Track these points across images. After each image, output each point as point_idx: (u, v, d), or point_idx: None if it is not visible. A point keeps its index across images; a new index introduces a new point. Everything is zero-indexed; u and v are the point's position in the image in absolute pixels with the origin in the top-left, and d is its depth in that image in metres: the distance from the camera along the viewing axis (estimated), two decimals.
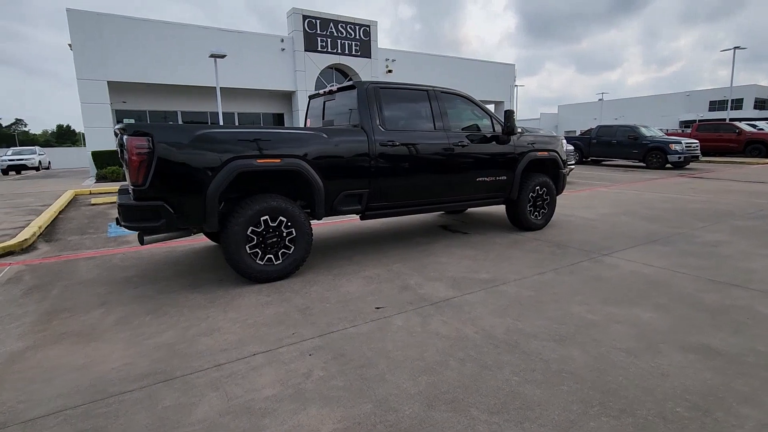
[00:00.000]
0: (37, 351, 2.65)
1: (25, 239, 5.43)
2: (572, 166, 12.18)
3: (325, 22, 19.73)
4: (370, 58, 21.25)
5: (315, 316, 3.11)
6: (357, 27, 20.68)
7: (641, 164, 15.10)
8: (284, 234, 3.84)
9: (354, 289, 3.65)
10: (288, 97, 20.55)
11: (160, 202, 3.33)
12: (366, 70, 21.13)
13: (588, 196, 9.05)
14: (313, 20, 19.42)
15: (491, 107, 29.25)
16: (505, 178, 5.38)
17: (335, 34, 20.11)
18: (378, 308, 3.24)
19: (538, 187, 5.67)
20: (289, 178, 3.93)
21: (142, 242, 3.45)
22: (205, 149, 3.43)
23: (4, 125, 77.97)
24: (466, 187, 5.09)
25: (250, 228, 3.66)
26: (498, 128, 5.33)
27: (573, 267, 4.17)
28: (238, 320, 3.04)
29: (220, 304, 3.33)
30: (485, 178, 5.20)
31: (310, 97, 5.71)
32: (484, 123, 5.30)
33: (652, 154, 14.55)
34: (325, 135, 4.04)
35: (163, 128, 3.34)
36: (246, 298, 3.47)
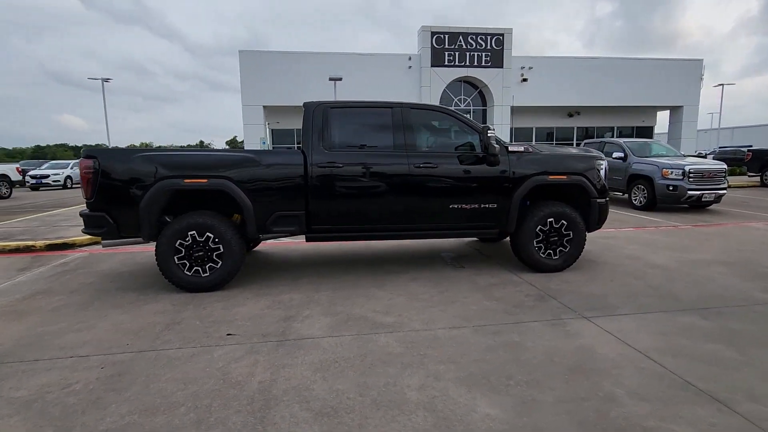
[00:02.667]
0: None
1: None
2: (723, 191, 9.21)
3: (454, 35, 19.59)
4: (501, 67, 20.13)
5: (174, 332, 3.24)
6: (489, 37, 19.87)
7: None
8: (211, 249, 4.09)
9: (243, 311, 3.64)
10: None
11: (103, 213, 3.98)
12: (497, 81, 20.10)
13: (707, 235, 6.73)
14: (441, 35, 19.52)
15: (665, 114, 24.17)
16: (495, 205, 4.50)
17: (464, 46, 19.76)
18: (229, 335, 3.18)
19: (551, 219, 4.54)
20: (220, 197, 4.17)
21: (102, 245, 4.19)
22: (138, 170, 3.96)
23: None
24: (435, 214, 4.45)
25: (179, 241, 4.03)
26: (501, 148, 4.50)
27: (517, 326, 3.26)
28: (119, 323, 3.41)
29: (128, 308, 3.78)
30: (463, 205, 4.45)
31: None
32: (472, 142, 4.55)
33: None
34: (254, 157, 4.15)
35: (106, 152, 4.01)
36: (153, 305, 3.84)
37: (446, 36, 19.76)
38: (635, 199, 9.68)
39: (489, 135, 4.17)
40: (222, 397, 2.34)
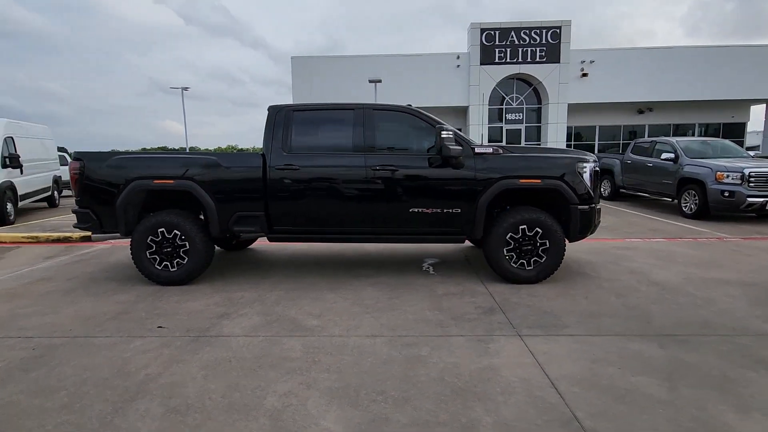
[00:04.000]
0: None
1: None
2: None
3: (505, 31, 18.72)
4: (558, 62, 18.85)
5: (118, 321, 3.50)
6: (544, 31, 18.72)
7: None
8: (178, 245, 4.36)
9: (190, 306, 3.83)
10: (463, 112, 20.48)
11: (87, 210, 4.43)
12: (553, 77, 18.88)
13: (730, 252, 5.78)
14: (492, 32, 18.76)
15: (761, 108, 21.06)
16: (459, 210, 4.26)
17: (516, 42, 18.81)
18: (159, 327, 3.37)
19: (524, 227, 4.20)
20: (187, 197, 4.42)
21: (92, 238, 4.66)
22: (114, 171, 4.34)
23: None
24: (395, 218, 4.32)
25: (150, 237, 4.35)
26: (466, 149, 4.26)
27: (437, 339, 3.08)
28: (80, 310, 3.76)
29: (99, 296, 4.15)
30: (424, 209, 4.27)
31: None
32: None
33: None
34: (216, 159, 4.34)
35: (90, 155, 4.43)
36: (121, 295, 4.17)
37: (497, 32, 18.96)
38: (685, 206, 8.55)
39: (443, 136, 3.95)
40: (103, 386, 2.50)
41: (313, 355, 2.85)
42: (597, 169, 4.48)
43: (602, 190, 11.90)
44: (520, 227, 4.21)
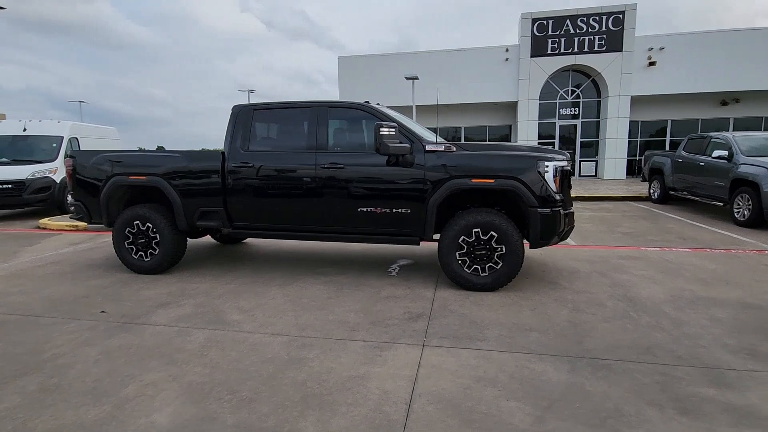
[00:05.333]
0: None
1: None
2: None
3: (560, 20, 17.39)
4: (620, 51, 17.12)
5: (74, 304, 3.85)
6: (604, 17, 17.09)
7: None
8: (150, 237, 4.68)
9: (143, 294, 4.09)
10: (512, 107, 19.41)
11: (80, 202, 4.91)
12: (614, 67, 17.22)
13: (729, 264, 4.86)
14: (544, 22, 17.54)
15: None
16: (409, 210, 4.09)
17: (571, 31, 17.40)
18: (102, 312, 3.65)
19: (477, 230, 3.92)
20: (157, 192, 4.71)
21: (87, 228, 5.16)
22: (98, 168, 4.76)
23: None
24: (344, 217, 4.25)
25: (127, 228, 4.72)
26: (418, 144, 4.09)
27: (339, 343, 3.00)
28: (55, 292, 4.19)
29: (81, 281, 4.58)
30: (372, 209, 4.15)
31: None
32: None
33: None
34: (181, 157, 4.57)
35: (80, 153, 4.91)
36: (99, 281, 4.57)
37: (550, 22, 17.69)
38: (737, 212, 7.37)
39: (381, 133, 3.78)
40: (11, 360, 2.77)
41: (205, 349, 2.92)
42: (567, 169, 4.05)
43: (651, 192, 10.67)
44: (474, 230, 3.93)
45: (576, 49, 17.56)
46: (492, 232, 3.89)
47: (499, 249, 3.90)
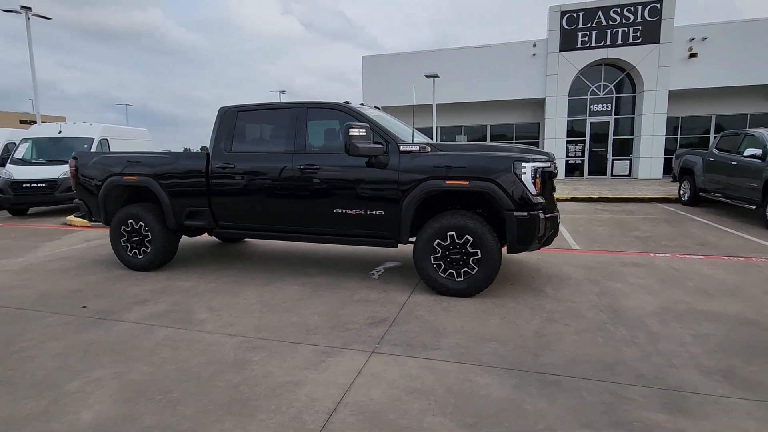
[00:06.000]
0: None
1: None
2: None
3: (591, 12, 16.56)
4: (658, 42, 16.11)
5: (63, 298, 4.05)
6: (639, 7, 16.11)
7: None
8: (143, 235, 4.85)
9: (129, 290, 4.24)
10: (539, 104, 18.69)
11: (82, 201, 5.17)
12: (650, 60, 16.23)
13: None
14: (574, 14, 16.76)
15: None
16: (383, 212, 4.01)
17: (604, 23, 16.53)
18: (83, 307, 3.81)
19: (452, 233, 3.78)
20: (148, 192, 4.86)
21: (91, 225, 5.42)
22: (96, 169, 4.98)
23: None
24: (321, 218, 4.23)
25: (122, 226, 4.92)
26: (393, 145, 4.00)
27: (291, 346, 2.99)
28: (53, 287, 4.43)
29: (80, 276, 4.82)
30: (347, 211, 4.10)
31: None
32: (378, 142, 4.09)
33: None
34: (170, 158, 4.70)
35: (82, 154, 5.14)
36: (96, 276, 4.79)
37: (580, 14, 16.87)
38: None
39: (350, 133, 3.72)
40: None
41: (160, 348, 2.98)
42: (549, 170, 3.82)
43: (681, 193, 9.97)
44: (448, 233, 3.80)
45: (608, 42, 16.70)
46: (467, 236, 3.75)
47: (475, 253, 3.75)
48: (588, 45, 16.92)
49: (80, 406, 2.28)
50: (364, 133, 3.75)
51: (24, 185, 9.68)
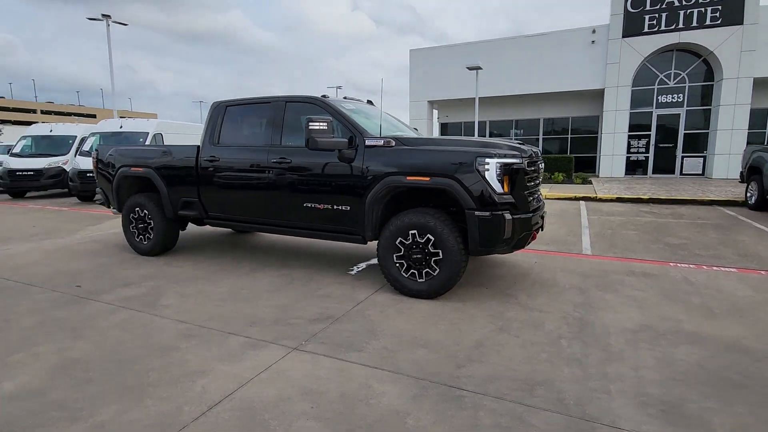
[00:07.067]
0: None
1: None
2: None
3: None
4: (741, 24, 14.08)
5: (67, 277, 4.47)
6: None
7: None
8: (147, 223, 5.22)
9: (125, 273, 4.58)
10: (598, 96, 17.15)
11: (100, 189, 5.67)
12: (731, 44, 14.25)
13: None
14: None
15: None
16: (348, 208, 3.94)
17: (675, 4, 14.74)
18: (77, 286, 4.18)
19: (414, 231, 3.63)
20: (150, 183, 5.19)
21: (113, 213, 5.93)
22: (110, 161, 5.42)
23: None
24: (293, 212, 4.26)
25: (130, 214, 5.33)
26: (360, 139, 3.92)
27: (224, 336, 3.06)
28: (67, 265, 4.92)
29: (97, 258, 5.30)
30: (316, 205, 4.09)
31: None
32: (351, 137, 4.00)
33: None
34: (168, 150, 4.97)
35: (101, 148, 5.61)
36: (108, 258, 5.24)
37: None
38: None
39: (310, 127, 3.66)
40: None
41: (112, 329, 3.17)
42: (521, 167, 3.50)
43: (748, 195, 8.69)
44: (410, 232, 3.64)
45: (681, 25, 14.93)
46: (428, 235, 3.56)
47: (437, 254, 3.56)
48: (656, 29, 15.27)
49: (8, 377, 2.50)
50: (325, 127, 3.70)
51: (88, 174, 10.90)
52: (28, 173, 12.07)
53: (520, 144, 3.79)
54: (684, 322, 3.19)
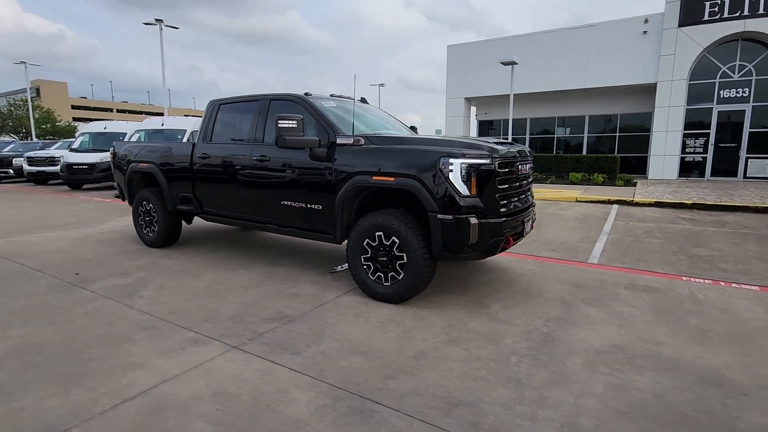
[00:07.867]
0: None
1: None
2: None
3: None
4: None
5: (72, 265, 4.80)
6: None
7: None
8: (152, 216, 5.48)
9: (123, 264, 4.83)
10: (650, 91, 15.78)
11: (116, 182, 6.03)
12: None
13: None
14: None
15: None
16: (320, 207, 3.89)
17: None
18: (76, 274, 4.47)
19: (380, 233, 3.52)
20: (154, 178, 5.44)
21: (129, 204, 6.30)
22: (123, 157, 5.75)
23: None
24: (272, 210, 4.29)
25: (138, 207, 5.63)
26: (333, 138, 3.86)
27: (179, 330, 3.13)
28: (78, 254, 5.29)
29: (107, 248, 5.65)
30: (292, 203, 4.09)
31: None
32: (328, 136, 3.96)
33: None
34: (168, 147, 5.18)
35: (118, 144, 5.96)
36: (117, 248, 5.57)
37: None
38: None
39: (279, 125, 3.64)
40: None
41: (82, 316, 3.35)
42: (491, 168, 3.27)
43: None
44: (376, 233, 3.53)
45: (747, 12, 13.43)
46: (393, 238, 3.44)
47: (401, 257, 3.43)
48: (719, 17, 13.84)
49: None
50: (294, 125, 3.67)
51: None
52: (83, 167, 13.15)
53: (506, 143, 3.55)
54: (665, 345, 2.85)
